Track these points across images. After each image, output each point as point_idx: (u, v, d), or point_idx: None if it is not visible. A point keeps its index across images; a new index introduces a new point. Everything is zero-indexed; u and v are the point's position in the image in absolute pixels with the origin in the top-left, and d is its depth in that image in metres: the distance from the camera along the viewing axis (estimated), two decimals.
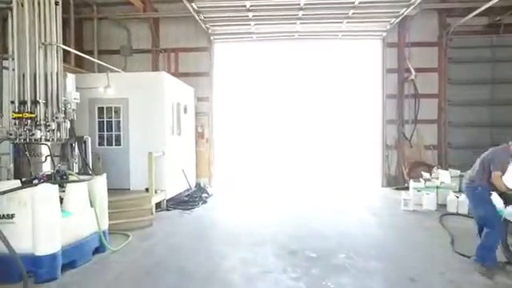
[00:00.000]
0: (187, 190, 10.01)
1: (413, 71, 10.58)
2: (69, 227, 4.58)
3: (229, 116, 11.88)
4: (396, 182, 11.20)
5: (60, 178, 4.94)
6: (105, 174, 5.42)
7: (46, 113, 6.29)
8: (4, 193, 4.07)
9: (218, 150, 11.91)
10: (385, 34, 10.88)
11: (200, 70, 11.60)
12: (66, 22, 11.45)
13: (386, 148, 11.30)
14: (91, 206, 5.01)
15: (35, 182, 4.85)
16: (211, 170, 11.65)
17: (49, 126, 6.20)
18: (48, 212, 4.28)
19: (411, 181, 9.10)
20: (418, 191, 8.49)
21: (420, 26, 11.06)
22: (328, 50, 11.43)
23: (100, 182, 5.33)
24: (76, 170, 6.54)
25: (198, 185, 10.38)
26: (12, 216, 4.19)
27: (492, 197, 4.71)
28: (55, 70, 6.38)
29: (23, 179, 4.86)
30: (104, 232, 5.22)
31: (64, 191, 4.76)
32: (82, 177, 5.07)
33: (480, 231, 4.85)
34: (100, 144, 8.56)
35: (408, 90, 11.21)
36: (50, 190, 4.32)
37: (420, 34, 11.11)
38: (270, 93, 11.69)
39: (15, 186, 4.15)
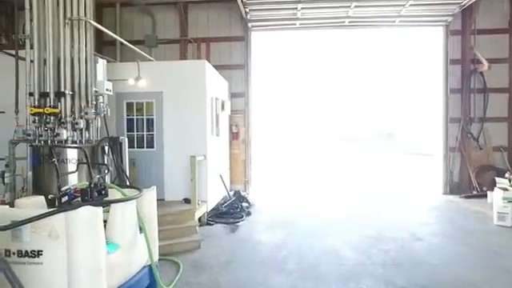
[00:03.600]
0: (224, 198, 8.69)
1: (485, 62, 9.17)
2: (116, 265, 3.25)
3: (266, 114, 10.55)
4: (459, 188, 9.77)
5: (98, 194, 3.62)
6: (154, 187, 4.09)
7: (72, 107, 5.02)
8: (30, 221, 2.74)
9: (255, 152, 10.58)
10: (450, 18, 9.45)
11: (234, 63, 10.26)
12: None
13: (448, 150, 9.87)
14: (141, 231, 3.68)
15: (64, 199, 3.54)
16: (248, 175, 10.29)
17: (76, 124, 4.93)
18: (90, 246, 2.95)
19: (497, 189, 7.66)
20: (510, 202, 7.08)
21: (487, 10, 9.65)
22: (381, 39, 10.09)
23: (150, 198, 4.00)
24: (108, 180, 5.24)
25: (236, 193, 9.03)
26: (39, 254, 2.86)
27: None
28: (83, 54, 5.09)
29: (49, 196, 3.55)
30: (156, 265, 3.88)
31: (107, 212, 3.43)
32: (127, 191, 3.74)
33: None
34: (129, 146, 7.21)
35: (474, 83, 9.79)
36: (92, 214, 2.99)
37: (488, 19, 9.68)
38: (314, 87, 10.37)
39: (44, 211, 2.83)
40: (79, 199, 3.56)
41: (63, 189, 3.67)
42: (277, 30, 10.23)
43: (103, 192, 3.72)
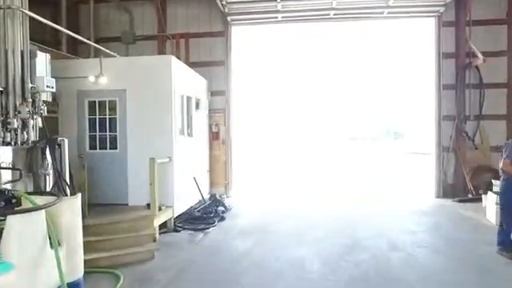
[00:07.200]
0: (199, 202, 8.20)
1: (479, 55, 8.54)
2: None
3: (248, 113, 10.04)
4: (454, 191, 9.13)
5: (5, 203, 3.16)
6: (79, 195, 3.62)
7: (6, 105, 4.57)
8: None
9: (236, 152, 10.08)
10: (442, 9, 8.82)
11: (214, 59, 9.79)
12: (57, 6, 9.84)
13: (441, 150, 9.24)
14: (51, 246, 3.19)
15: None
16: (228, 177, 9.79)
17: (9, 123, 4.48)
18: None
19: (491, 193, 7.04)
20: None
21: (483, 0, 9.00)
22: (369, 32, 9.51)
23: (70, 206, 3.51)
24: (49, 185, 4.76)
25: (212, 196, 8.54)
26: None
27: None
28: (19, 46, 4.63)
29: None
30: (78, 284, 3.39)
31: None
32: (42, 198, 3.27)
33: None
34: (92, 147, 6.82)
35: (469, 78, 9.14)
36: None
37: (483, 9, 9.03)
38: (297, 84, 9.85)
39: None
40: None
41: None
42: (258, 24, 9.73)
43: (12, 201, 3.26)
